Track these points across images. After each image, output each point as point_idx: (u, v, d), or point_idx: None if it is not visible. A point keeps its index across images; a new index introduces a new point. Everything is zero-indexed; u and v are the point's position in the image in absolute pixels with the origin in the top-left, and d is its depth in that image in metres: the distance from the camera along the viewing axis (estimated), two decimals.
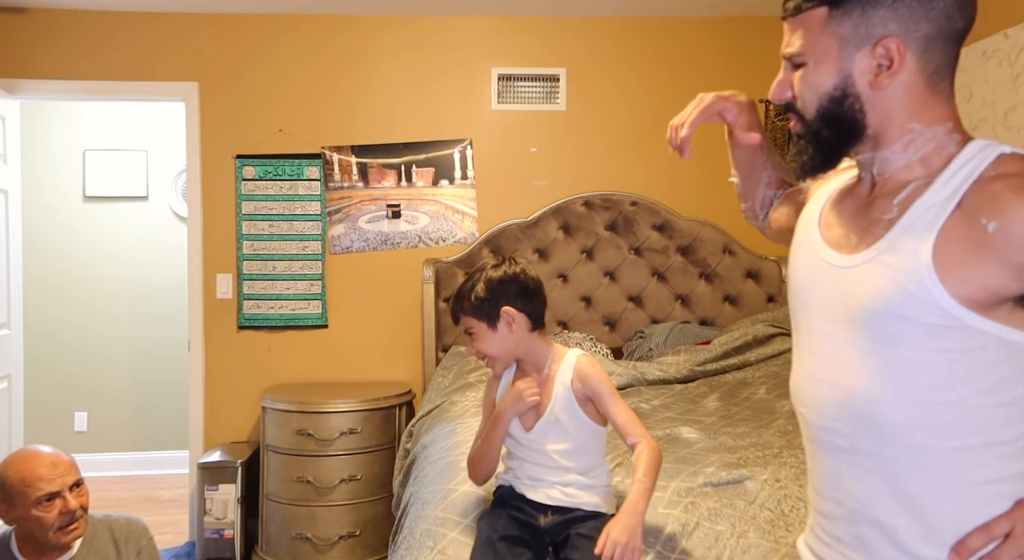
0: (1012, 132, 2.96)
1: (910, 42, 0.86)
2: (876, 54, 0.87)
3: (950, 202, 0.83)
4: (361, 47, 3.60)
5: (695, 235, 3.57)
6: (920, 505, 0.87)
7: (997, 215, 0.79)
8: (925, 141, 0.88)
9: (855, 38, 0.87)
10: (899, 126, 0.89)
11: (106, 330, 4.55)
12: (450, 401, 2.64)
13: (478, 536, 1.50)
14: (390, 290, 3.60)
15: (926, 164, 0.89)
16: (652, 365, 3.03)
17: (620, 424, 1.46)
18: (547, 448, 1.51)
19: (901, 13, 0.85)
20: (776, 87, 0.96)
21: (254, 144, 3.55)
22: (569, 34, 3.64)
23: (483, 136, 3.63)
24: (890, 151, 0.90)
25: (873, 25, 0.86)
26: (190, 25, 3.53)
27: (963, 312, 0.81)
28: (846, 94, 0.89)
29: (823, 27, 0.89)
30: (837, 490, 0.94)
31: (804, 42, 0.91)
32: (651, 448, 1.42)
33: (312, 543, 3.10)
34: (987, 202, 0.80)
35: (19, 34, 3.46)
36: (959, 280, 0.81)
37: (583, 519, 1.47)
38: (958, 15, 0.86)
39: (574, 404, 1.50)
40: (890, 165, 0.91)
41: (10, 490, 1.83)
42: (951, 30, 0.86)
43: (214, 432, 3.58)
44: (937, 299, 0.81)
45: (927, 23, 0.85)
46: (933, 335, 0.82)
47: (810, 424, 0.98)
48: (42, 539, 1.85)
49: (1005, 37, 2.99)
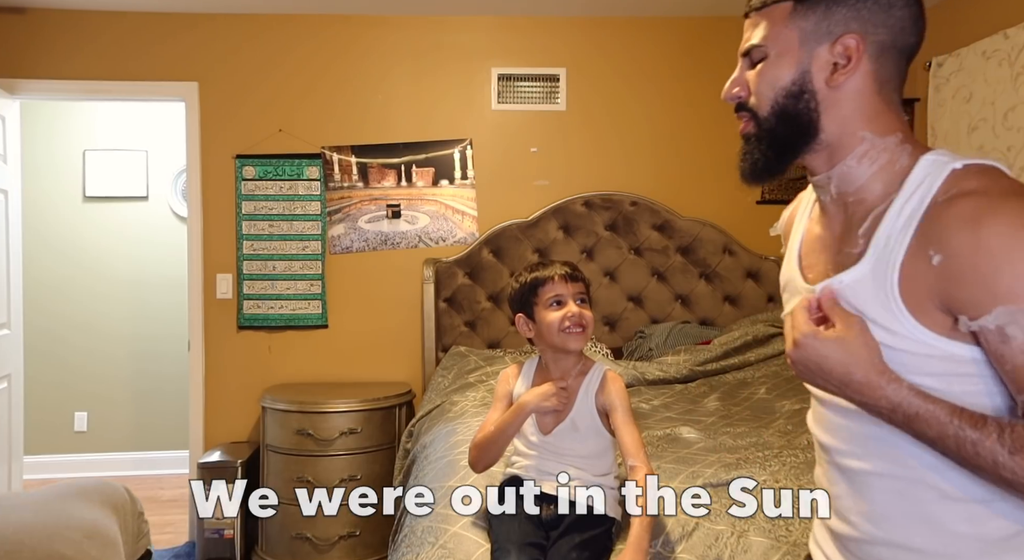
0: (1012, 132, 2.96)
1: (868, 44, 0.88)
2: (835, 51, 0.88)
3: (908, 230, 0.83)
4: (361, 47, 3.60)
5: (695, 235, 3.57)
6: (936, 522, 0.86)
7: (940, 248, 0.80)
8: (878, 152, 0.89)
9: (816, 33, 0.89)
10: (852, 133, 0.90)
11: (106, 330, 4.55)
12: (450, 401, 2.64)
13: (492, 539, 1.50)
14: (390, 290, 3.60)
15: (884, 180, 0.89)
16: (652, 365, 3.03)
17: (625, 443, 1.49)
18: (561, 451, 1.53)
19: (862, 14, 0.87)
20: (729, 85, 0.96)
21: (254, 144, 3.55)
22: (569, 34, 3.64)
23: (483, 136, 3.63)
24: (845, 164, 0.91)
25: (835, 22, 0.88)
26: (190, 25, 3.53)
27: (939, 341, 0.82)
28: (803, 90, 0.90)
29: (787, 20, 0.90)
30: (853, 512, 0.94)
31: (767, 34, 0.92)
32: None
33: (312, 543, 3.10)
34: (935, 233, 0.81)
35: (19, 34, 3.46)
36: (926, 311, 0.82)
37: (583, 520, 1.47)
38: (912, 29, 0.88)
39: (595, 415, 1.53)
40: (848, 182, 0.91)
41: None
42: (904, 42, 0.89)
43: (214, 432, 3.58)
44: (912, 332, 0.83)
45: (885, 30, 0.87)
46: (921, 364, 0.83)
47: (825, 447, 0.98)
48: None
49: (1005, 37, 2.99)
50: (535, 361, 1.66)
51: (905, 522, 0.88)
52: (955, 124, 3.27)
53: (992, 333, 0.78)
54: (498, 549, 1.44)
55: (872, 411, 0.84)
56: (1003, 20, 3.05)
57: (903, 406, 0.81)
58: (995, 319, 0.77)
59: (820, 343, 0.85)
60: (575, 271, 1.61)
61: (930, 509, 0.87)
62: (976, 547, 0.85)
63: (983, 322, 0.78)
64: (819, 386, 0.88)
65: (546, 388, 1.54)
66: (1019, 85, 2.93)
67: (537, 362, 1.66)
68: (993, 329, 0.77)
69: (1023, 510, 0.84)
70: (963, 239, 0.78)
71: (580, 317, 1.54)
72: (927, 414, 0.80)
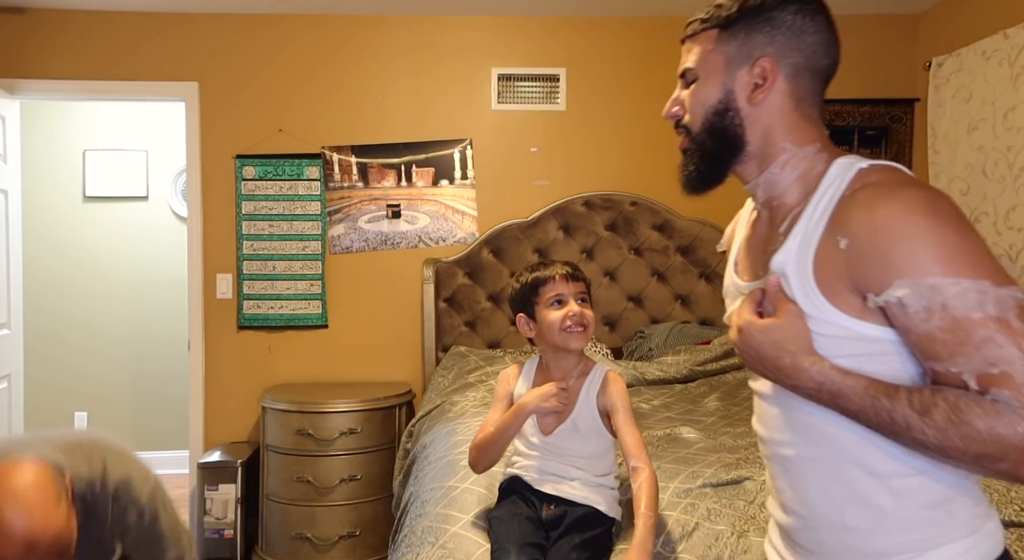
0: (1012, 132, 2.96)
1: (783, 66, 0.98)
2: (754, 73, 0.99)
3: (820, 223, 0.92)
4: (361, 47, 3.60)
5: (695, 235, 3.57)
6: (864, 499, 0.93)
7: (846, 232, 0.88)
8: (798, 160, 0.99)
9: (738, 57, 1.00)
10: (774, 144, 1.00)
11: (106, 330, 4.55)
12: (450, 401, 2.64)
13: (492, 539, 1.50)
14: (390, 290, 3.60)
15: (804, 184, 0.99)
16: (652, 365, 3.03)
17: (627, 444, 1.49)
18: (562, 451, 1.53)
19: (777, 40, 0.98)
20: (669, 104, 1.08)
21: (254, 144, 3.55)
22: (569, 34, 3.64)
23: (483, 136, 3.63)
24: (770, 172, 1.01)
25: (753, 46, 0.99)
26: (190, 25, 3.53)
27: (853, 322, 0.89)
28: (728, 108, 1.01)
29: (714, 46, 1.02)
30: (793, 501, 1.01)
31: (697, 58, 1.03)
32: (652, 478, 1.45)
33: (312, 543, 3.10)
34: (842, 220, 0.90)
35: (19, 34, 3.46)
36: (840, 295, 0.89)
37: (583, 518, 1.47)
38: (823, 52, 0.99)
39: (596, 416, 1.53)
40: (773, 187, 1.02)
41: None
42: (817, 64, 0.99)
43: (214, 432, 3.58)
44: (828, 315, 0.90)
45: (798, 53, 0.98)
46: (837, 344, 0.90)
47: (764, 440, 1.06)
48: None
49: (1005, 37, 2.99)
50: (535, 361, 1.66)
51: (837, 503, 0.95)
52: (955, 124, 3.27)
53: (895, 306, 0.85)
54: (498, 549, 1.44)
55: (803, 393, 0.91)
56: (1003, 20, 3.05)
57: (827, 385, 0.88)
58: (894, 292, 0.84)
59: (756, 330, 0.94)
60: (576, 271, 1.61)
61: (858, 488, 0.93)
62: (902, 519, 0.91)
63: (886, 296, 0.85)
64: (759, 372, 0.96)
65: (546, 389, 1.54)
66: (1019, 85, 2.93)
67: (538, 362, 1.65)
68: (895, 302, 0.85)
69: (943, 481, 0.90)
70: (863, 222, 0.87)
71: (581, 316, 1.54)
72: (848, 390, 0.87)
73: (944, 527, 0.91)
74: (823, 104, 1.02)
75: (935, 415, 0.81)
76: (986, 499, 0.96)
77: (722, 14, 1.01)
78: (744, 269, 1.09)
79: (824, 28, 0.99)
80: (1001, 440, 0.78)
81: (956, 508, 0.91)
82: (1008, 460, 0.79)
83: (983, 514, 0.93)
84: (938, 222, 0.84)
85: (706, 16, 1.03)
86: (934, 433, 0.81)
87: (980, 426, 0.79)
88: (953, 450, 0.81)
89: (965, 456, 0.80)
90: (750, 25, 0.99)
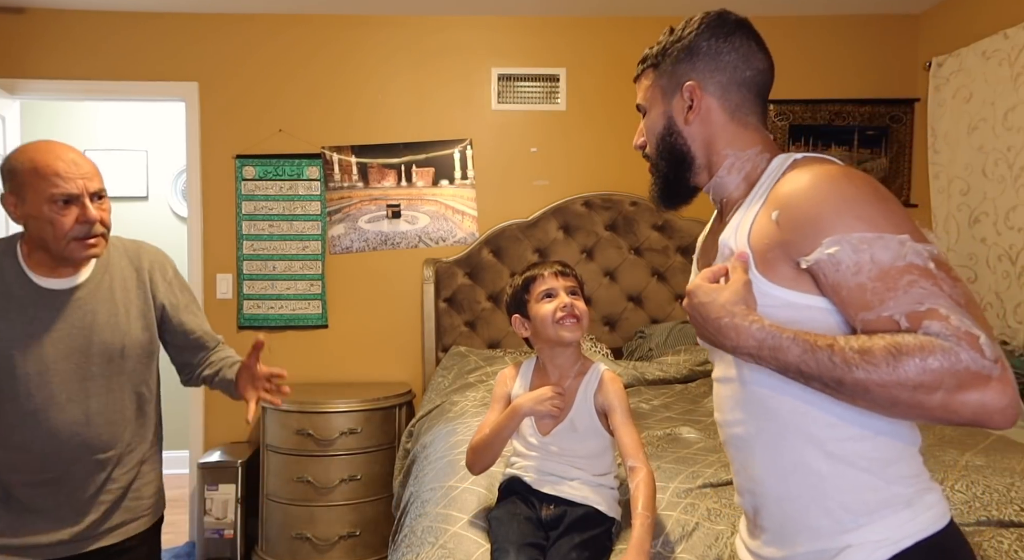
0: (1012, 132, 2.96)
1: (707, 86, 1.11)
2: (684, 97, 1.12)
3: (756, 204, 1.03)
4: (361, 47, 3.60)
5: (695, 235, 3.57)
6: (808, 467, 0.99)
7: (778, 205, 0.98)
8: (742, 163, 1.11)
9: (670, 87, 1.14)
10: (717, 152, 1.12)
11: None
12: (450, 401, 2.64)
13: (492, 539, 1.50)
14: (390, 290, 3.60)
15: (748, 181, 1.10)
16: (652, 365, 3.03)
17: (624, 444, 1.49)
18: (560, 451, 1.53)
19: (697, 66, 1.11)
20: (636, 136, 1.23)
21: (254, 144, 3.55)
22: (569, 34, 3.64)
23: (483, 136, 3.63)
24: (719, 177, 1.13)
25: (679, 75, 1.13)
26: (190, 25, 3.53)
27: (786, 292, 0.97)
28: (671, 131, 1.15)
29: (652, 82, 1.17)
30: (748, 480, 1.08)
31: (644, 94, 1.19)
32: (649, 478, 1.45)
33: (312, 543, 3.10)
34: (775, 197, 1.00)
35: (19, 34, 3.46)
36: (773, 268, 0.97)
37: (582, 518, 1.47)
38: (744, 66, 1.10)
39: (594, 415, 1.53)
40: (723, 188, 1.14)
41: (21, 179, 1.53)
42: (742, 77, 1.10)
43: (214, 432, 3.58)
44: (762, 287, 0.98)
45: (719, 72, 1.10)
46: (771, 313, 0.97)
47: (719, 425, 1.14)
48: (54, 247, 1.55)
49: (1005, 37, 3.00)
50: (532, 362, 1.66)
51: (781, 474, 1.02)
52: (955, 124, 3.27)
53: (825, 264, 0.92)
54: (497, 549, 1.44)
55: (744, 353, 0.96)
56: (1003, 20, 3.05)
57: (767, 341, 0.93)
58: (825, 249, 0.91)
59: (703, 291, 1.00)
60: (566, 267, 1.62)
61: (798, 456, 0.99)
62: (839, 485, 0.97)
63: (816, 255, 0.92)
64: (705, 336, 1.02)
65: (541, 392, 1.53)
66: (1019, 85, 2.93)
67: (535, 362, 1.65)
68: (825, 259, 0.92)
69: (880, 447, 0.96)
70: (792, 192, 0.97)
71: (572, 307, 1.55)
72: (787, 342, 0.92)
73: (880, 493, 0.95)
74: (764, 108, 1.13)
75: (875, 351, 0.86)
76: (926, 471, 1.00)
77: (654, 54, 1.17)
78: (704, 263, 1.20)
79: (740, 44, 1.10)
80: (935, 369, 0.83)
81: (892, 474, 0.96)
82: (943, 388, 0.83)
83: (923, 487, 0.98)
84: (859, 189, 0.94)
85: (644, 59, 1.19)
86: (875, 369, 0.85)
87: (916, 356, 0.84)
88: (893, 384, 0.85)
89: (904, 390, 0.85)
90: (674, 58, 1.13)
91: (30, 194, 1.53)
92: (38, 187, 1.51)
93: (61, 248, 1.55)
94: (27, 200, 1.53)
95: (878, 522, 0.95)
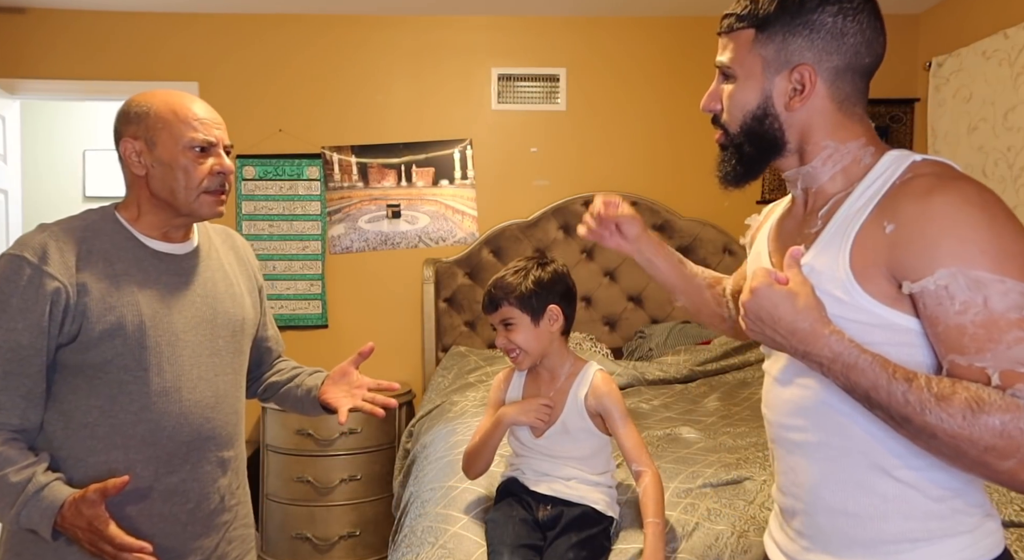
0: (1012, 132, 2.96)
1: (822, 71, 0.96)
2: (792, 79, 0.97)
3: (865, 210, 0.92)
4: (361, 47, 3.60)
5: (695, 235, 3.57)
6: (868, 487, 0.94)
7: (894, 218, 0.88)
8: (841, 155, 0.98)
9: (776, 61, 0.97)
10: (815, 143, 0.99)
11: None
12: (450, 401, 2.65)
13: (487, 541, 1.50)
14: (390, 290, 3.60)
15: (847, 175, 0.98)
16: (652, 365, 3.03)
17: (627, 448, 1.48)
18: (555, 453, 1.53)
19: (816, 44, 0.95)
20: (707, 97, 1.05)
21: (254, 144, 3.55)
22: (569, 34, 3.64)
23: (483, 136, 3.63)
24: (811, 166, 1.00)
25: (792, 51, 0.96)
26: (190, 25, 3.53)
27: (883, 309, 0.89)
28: (766, 113, 0.99)
29: (750, 47, 0.98)
30: (795, 485, 1.02)
31: (733, 57, 1.00)
32: (656, 482, 1.45)
33: (312, 543, 3.10)
34: (891, 206, 0.89)
35: (19, 34, 3.46)
36: (874, 281, 0.89)
37: (580, 518, 1.47)
38: (866, 52, 0.96)
39: (585, 417, 1.52)
40: (814, 179, 1.01)
41: (152, 122, 1.35)
42: (860, 64, 0.96)
43: None
44: (859, 300, 0.90)
45: (838, 56, 0.95)
46: (864, 332, 0.89)
47: (771, 423, 1.07)
48: (183, 199, 1.36)
49: (1005, 37, 2.99)
50: None
51: (841, 489, 0.96)
52: (955, 124, 3.27)
53: (931, 294, 0.84)
54: (492, 552, 1.44)
55: (814, 361, 0.89)
56: (1003, 20, 3.05)
57: (843, 356, 0.86)
58: (935, 280, 0.83)
59: (774, 292, 0.90)
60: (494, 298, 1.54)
61: (864, 476, 0.94)
62: (904, 510, 0.92)
63: (924, 283, 0.84)
64: (767, 336, 0.92)
65: (527, 404, 1.53)
66: (1019, 85, 2.93)
67: None
68: (933, 290, 0.84)
69: (949, 477, 0.91)
70: (914, 208, 0.86)
71: (507, 343, 1.53)
72: (864, 364, 0.85)
73: (945, 521, 0.91)
74: (867, 95, 1.00)
75: (954, 401, 0.80)
76: (988, 500, 0.96)
77: (759, 13, 0.97)
78: (775, 251, 1.08)
79: (867, 26, 0.95)
80: (1015, 436, 0.78)
81: (959, 504, 0.92)
82: (1015, 458, 0.78)
83: (984, 514, 0.94)
84: (993, 219, 0.84)
85: (742, 12, 0.99)
86: (949, 419, 0.80)
87: (997, 418, 0.78)
88: (964, 439, 0.80)
89: (974, 448, 0.79)
90: (788, 28, 0.95)
91: (164, 137, 1.34)
92: (175, 131, 1.34)
93: (191, 201, 1.36)
94: (159, 144, 1.34)
95: (937, 545, 0.92)
